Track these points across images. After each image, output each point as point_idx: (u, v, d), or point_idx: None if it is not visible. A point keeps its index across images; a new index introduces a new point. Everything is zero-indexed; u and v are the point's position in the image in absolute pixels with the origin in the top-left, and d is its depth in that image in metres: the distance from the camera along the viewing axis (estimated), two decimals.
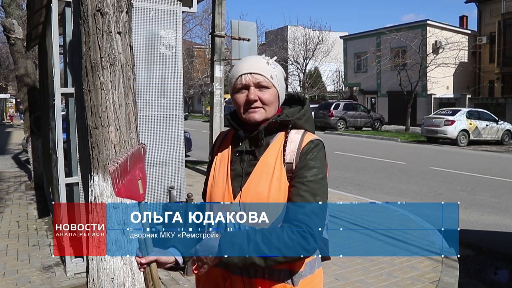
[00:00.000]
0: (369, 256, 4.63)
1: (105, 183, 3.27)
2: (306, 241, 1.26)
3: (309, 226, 1.27)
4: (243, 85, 1.40)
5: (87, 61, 3.19)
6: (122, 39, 3.21)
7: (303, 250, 1.26)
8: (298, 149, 1.37)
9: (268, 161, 1.38)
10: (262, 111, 1.40)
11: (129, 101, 3.31)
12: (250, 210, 1.34)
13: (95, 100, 3.20)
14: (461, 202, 7.66)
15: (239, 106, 1.42)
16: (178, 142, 4.48)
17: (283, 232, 1.26)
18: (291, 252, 1.25)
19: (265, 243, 1.24)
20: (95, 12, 3.12)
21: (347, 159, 13.13)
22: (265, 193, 1.34)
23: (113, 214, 3.47)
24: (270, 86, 1.41)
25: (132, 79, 3.33)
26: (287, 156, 1.37)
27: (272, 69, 1.43)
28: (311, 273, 1.42)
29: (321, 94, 35.92)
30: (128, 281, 3.33)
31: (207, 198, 1.48)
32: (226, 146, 1.51)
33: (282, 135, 1.43)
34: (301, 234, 1.26)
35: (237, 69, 1.42)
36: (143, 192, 1.44)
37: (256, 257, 1.24)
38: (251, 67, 1.40)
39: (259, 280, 1.34)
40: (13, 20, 9.02)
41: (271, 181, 1.35)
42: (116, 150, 3.24)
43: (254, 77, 1.39)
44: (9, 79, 34.19)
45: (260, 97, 1.39)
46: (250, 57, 1.47)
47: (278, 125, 1.42)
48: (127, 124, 3.29)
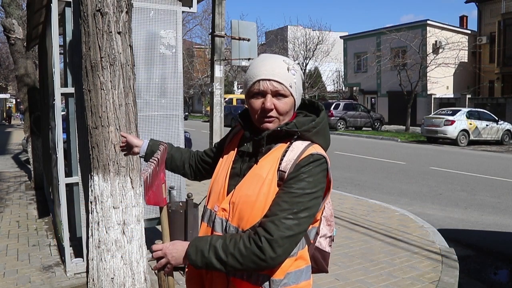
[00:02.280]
0: (369, 256, 4.63)
1: (105, 183, 3.27)
2: (261, 251, 1.22)
3: (270, 234, 1.22)
4: (260, 91, 1.34)
5: (87, 61, 3.19)
6: (122, 39, 3.21)
7: (259, 259, 1.23)
8: (296, 160, 1.31)
9: (264, 166, 1.36)
10: (276, 121, 1.36)
11: (129, 101, 3.30)
12: (237, 210, 1.34)
13: (95, 100, 3.20)
14: (461, 202, 7.67)
15: (253, 111, 1.38)
16: (178, 142, 4.48)
17: (240, 240, 1.26)
18: (247, 260, 1.24)
19: (223, 250, 1.26)
20: (95, 12, 3.12)
21: (347, 159, 13.13)
22: (253, 197, 1.32)
23: (113, 214, 3.49)
24: (288, 95, 1.35)
25: (132, 79, 3.33)
26: (282, 164, 1.32)
27: (292, 76, 1.35)
28: (296, 284, 1.36)
29: (321, 94, 35.92)
30: (128, 281, 3.33)
31: (208, 190, 1.51)
32: (235, 142, 1.52)
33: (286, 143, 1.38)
34: (256, 243, 1.23)
35: (256, 72, 1.35)
36: (165, 196, 1.45)
37: (216, 262, 1.27)
38: (271, 73, 1.33)
39: (238, 280, 1.34)
40: (13, 20, 9.02)
41: (261, 187, 1.32)
42: (116, 150, 3.24)
43: (272, 84, 1.33)
44: (9, 79, 34.21)
45: (276, 106, 1.34)
46: (269, 58, 1.38)
47: (283, 133, 1.37)
48: (127, 124, 3.29)
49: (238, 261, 1.24)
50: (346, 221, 5.97)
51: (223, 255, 1.25)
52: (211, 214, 1.43)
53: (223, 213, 1.38)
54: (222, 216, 1.38)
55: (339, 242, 4.98)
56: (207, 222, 1.45)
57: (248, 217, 1.32)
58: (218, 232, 1.39)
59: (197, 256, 1.29)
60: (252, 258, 1.23)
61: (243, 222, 1.33)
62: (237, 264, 1.25)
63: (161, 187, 1.42)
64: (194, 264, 1.30)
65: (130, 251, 3.33)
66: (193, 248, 1.30)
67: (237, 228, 1.34)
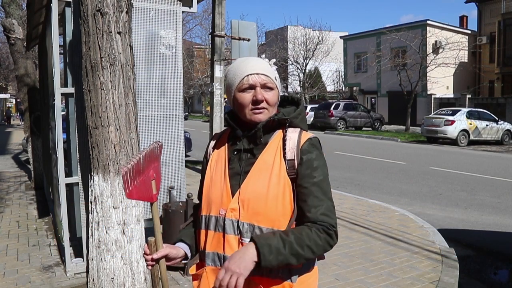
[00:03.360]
0: (369, 256, 4.63)
1: (105, 183, 3.27)
2: (331, 238, 1.36)
3: (331, 224, 1.36)
4: (250, 85, 1.41)
5: (87, 61, 3.19)
6: (122, 39, 3.21)
7: (329, 246, 1.36)
8: (297, 147, 1.40)
9: (266, 159, 1.40)
10: (267, 112, 1.42)
11: (129, 101, 3.31)
12: (249, 206, 1.36)
13: (95, 100, 3.20)
14: (461, 202, 7.67)
15: (243, 106, 1.42)
16: (178, 142, 4.48)
17: (312, 232, 1.33)
18: (320, 249, 1.34)
19: (298, 244, 1.30)
20: (95, 12, 3.12)
21: (347, 159, 13.12)
22: (264, 190, 1.35)
23: (113, 214, 3.49)
24: (274, 88, 1.44)
25: (132, 79, 3.33)
26: (287, 153, 1.39)
27: (274, 70, 1.47)
28: (308, 271, 1.44)
29: (321, 94, 35.94)
30: (128, 281, 3.33)
31: (204, 198, 1.49)
32: (222, 146, 1.52)
33: (280, 133, 1.45)
34: (327, 232, 1.35)
35: (242, 69, 1.42)
36: (156, 192, 1.44)
37: (291, 256, 1.30)
38: (257, 68, 1.42)
39: (258, 277, 1.35)
40: (13, 20, 9.03)
41: (270, 178, 1.37)
42: (116, 150, 3.24)
43: (260, 77, 1.41)
44: (9, 79, 34.18)
45: (265, 97, 1.41)
46: (251, 58, 1.48)
47: (275, 123, 1.44)
48: (127, 124, 3.29)
49: (313, 251, 1.33)
50: (346, 221, 5.96)
51: (299, 249, 1.30)
52: (217, 220, 1.41)
53: (232, 213, 1.37)
54: (231, 217, 1.37)
55: (339, 242, 4.98)
56: (214, 229, 1.42)
57: (263, 210, 1.34)
58: (231, 234, 1.37)
59: (271, 254, 1.27)
60: (325, 247, 1.35)
61: (258, 217, 1.35)
62: (311, 255, 1.33)
63: (148, 183, 1.41)
64: (268, 264, 1.27)
65: (130, 251, 3.33)
66: (267, 248, 1.27)
67: (251, 225, 1.35)
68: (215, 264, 1.41)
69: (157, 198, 1.44)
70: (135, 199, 1.40)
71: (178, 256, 1.45)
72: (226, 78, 1.49)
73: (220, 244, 1.39)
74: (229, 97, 1.48)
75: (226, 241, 1.38)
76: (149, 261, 1.39)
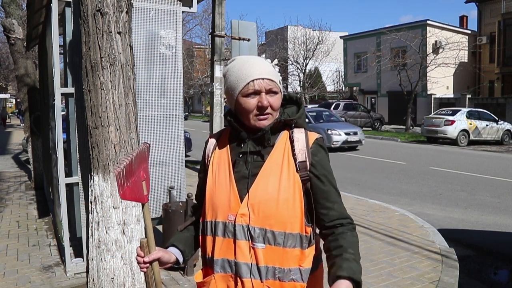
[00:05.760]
0: (369, 256, 4.63)
1: (105, 183, 3.27)
2: (356, 231, 1.42)
3: (350, 218, 1.43)
4: (255, 91, 1.36)
5: (87, 61, 3.19)
6: (122, 39, 3.21)
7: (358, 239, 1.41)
8: (307, 147, 1.39)
9: (276, 160, 1.37)
10: (271, 117, 1.39)
11: (129, 101, 3.31)
12: (259, 210, 1.32)
13: (95, 100, 3.20)
14: (461, 202, 7.67)
15: (247, 111, 1.37)
16: (178, 142, 4.48)
17: (351, 237, 1.38)
18: (358, 245, 1.39)
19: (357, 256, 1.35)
20: (95, 12, 3.12)
21: (347, 159, 13.13)
22: (274, 193, 1.32)
23: (113, 214, 3.48)
24: (278, 92, 1.40)
25: (132, 79, 3.33)
26: (298, 155, 1.37)
27: (278, 73, 1.43)
28: (317, 268, 1.44)
29: (321, 94, 35.92)
30: (128, 281, 3.33)
31: (207, 203, 1.43)
32: (222, 148, 1.46)
33: (286, 134, 1.42)
34: (354, 227, 1.42)
35: (247, 73, 1.36)
36: (147, 193, 1.42)
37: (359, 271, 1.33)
38: (262, 72, 1.36)
39: (271, 281, 1.33)
40: (13, 20, 9.03)
41: (280, 181, 1.34)
42: (116, 150, 3.24)
43: (266, 82, 1.36)
44: (9, 79, 34.18)
45: (270, 102, 1.37)
46: (254, 59, 1.41)
47: (281, 125, 1.42)
48: (127, 124, 3.29)
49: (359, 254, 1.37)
50: None
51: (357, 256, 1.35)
52: (226, 226, 1.36)
53: (242, 218, 1.34)
54: (242, 222, 1.34)
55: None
56: (223, 236, 1.37)
57: (274, 214, 1.32)
58: (242, 239, 1.34)
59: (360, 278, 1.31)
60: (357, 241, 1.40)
61: (270, 220, 1.32)
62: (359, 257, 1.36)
63: (139, 184, 1.40)
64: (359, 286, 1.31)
65: (130, 251, 3.33)
66: (358, 275, 1.30)
67: (263, 229, 1.32)
68: (225, 271, 1.37)
69: (147, 199, 1.42)
70: (128, 200, 1.39)
71: (169, 261, 1.43)
72: (226, 78, 1.42)
73: (231, 250, 1.35)
74: (230, 99, 1.42)
75: (238, 246, 1.34)
76: (141, 263, 1.37)
